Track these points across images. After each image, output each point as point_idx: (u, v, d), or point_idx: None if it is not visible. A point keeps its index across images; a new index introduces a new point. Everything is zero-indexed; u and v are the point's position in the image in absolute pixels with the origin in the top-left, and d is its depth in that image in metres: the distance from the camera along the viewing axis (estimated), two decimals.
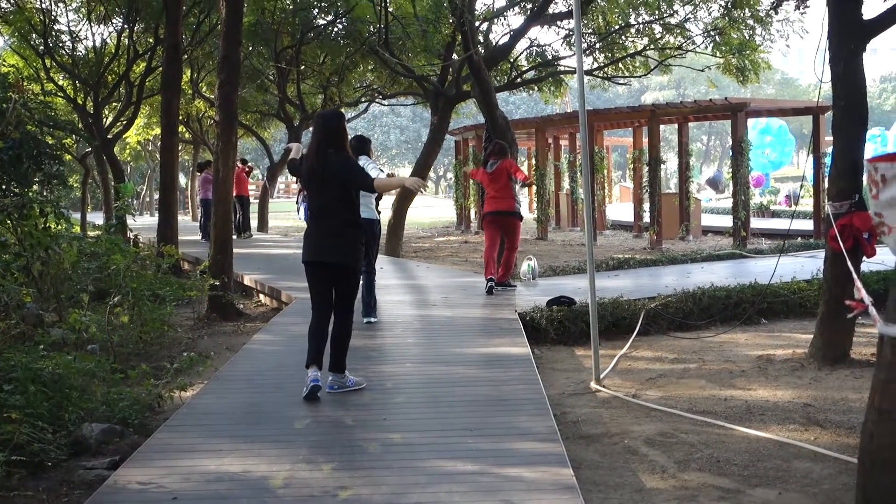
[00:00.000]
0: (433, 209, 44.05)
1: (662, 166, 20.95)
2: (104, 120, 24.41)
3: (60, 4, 22.54)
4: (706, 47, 20.06)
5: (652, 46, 20.53)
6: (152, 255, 12.11)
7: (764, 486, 5.09)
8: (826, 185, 9.04)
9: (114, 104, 26.28)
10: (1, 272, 8.59)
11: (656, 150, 20.24)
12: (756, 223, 21.97)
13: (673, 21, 19.98)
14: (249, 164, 25.63)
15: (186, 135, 32.60)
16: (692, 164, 22.77)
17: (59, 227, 10.14)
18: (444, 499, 4.52)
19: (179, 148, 27.47)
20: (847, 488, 4.97)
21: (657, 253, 17.70)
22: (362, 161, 9.02)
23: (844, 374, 7.74)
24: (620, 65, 21.45)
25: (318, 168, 6.71)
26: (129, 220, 14.68)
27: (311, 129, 33.91)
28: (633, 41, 21.24)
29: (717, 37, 19.38)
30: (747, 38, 19.29)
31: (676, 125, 23.42)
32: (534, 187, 11.25)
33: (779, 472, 5.30)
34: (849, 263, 6.81)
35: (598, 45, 21.03)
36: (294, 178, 44.65)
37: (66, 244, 9.90)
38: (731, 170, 20.05)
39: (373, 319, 9.56)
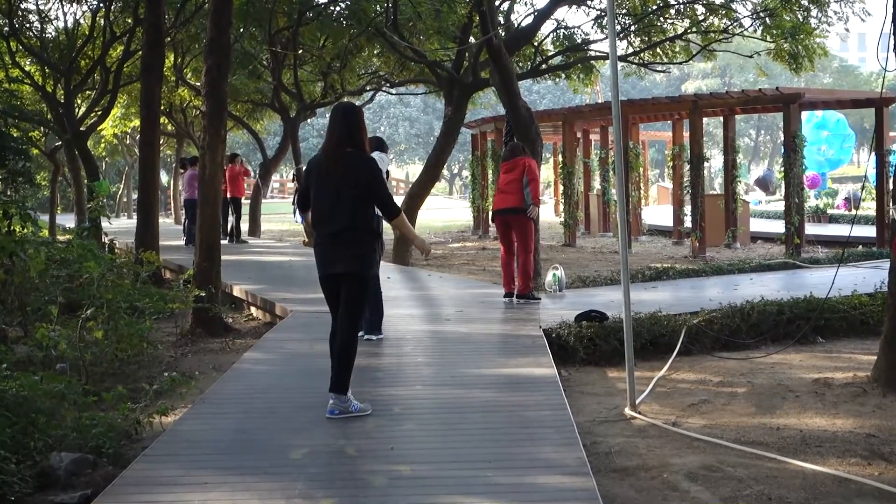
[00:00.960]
0: (447, 211, 44.08)
1: (706, 164, 20.91)
2: (76, 110, 24.51)
3: None
4: (755, 30, 20.02)
5: (694, 29, 20.51)
6: (130, 262, 12.14)
7: None
8: (890, 187, 9.00)
9: (87, 92, 26.38)
10: None
11: (699, 145, 20.18)
12: (811, 229, 21.90)
13: (717, 1, 19.95)
14: (240, 160, 25.65)
15: (169, 127, 32.75)
16: (739, 161, 22.71)
17: (25, 230, 10.15)
18: None
19: (161, 142, 27.60)
20: None
21: (700, 262, 17.64)
22: (375, 155, 9.14)
23: None
24: (658, 50, 21.44)
25: (336, 168, 6.80)
26: (104, 223, 14.73)
27: (308, 121, 34.07)
28: (672, 23, 21.23)
29: (767, 19, 19.33)
30: (801, 20, 19.24)
31: (721, 118, 23.35)
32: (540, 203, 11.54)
33: None
34: None
35: (633, 28, 21.02)
36: (291, 177, 44.45)
37: (32, 250, 9.90)
38: (782, 169, 19.99)
39: (374, 337, 9.52)
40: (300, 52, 24.23)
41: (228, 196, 21.19)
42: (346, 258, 6.77)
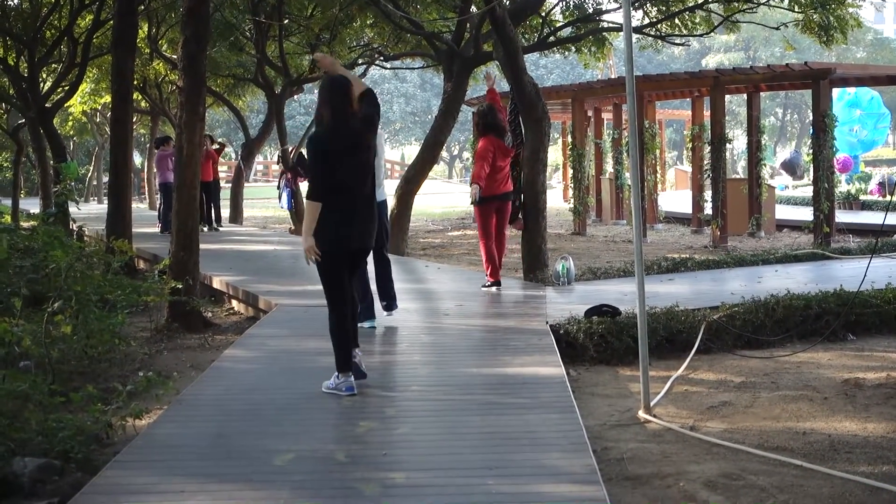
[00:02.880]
0: (446, 196, 44.02)
1: (728, 146, 20.90)
2: (41, 85, 24.45)
3: None
4: (782, 0, 19.99)
5: None
6: (100, 251, 12.12)
7: None
8: None
9: (53, 66, 26.35)
10: None
11: (720, 125, 20.19)
12: (842, 216, 21.89)
13: None
14: (220, 140, 25.61)
15: (143, 103, 32.66)
16: (764, 143, 22.71)
17: None
18: None
19: (134, 120, 27.52)
20: None
21: (721, 252, 17.66)
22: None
23: None
24: (677, 20, 21.40)
25: (366, 139, 7.28)
26: (72, 208, 14.73)
27: (295, 97, 33.96)
28: None
29: None
30: None
31: (745, 95, 23.34)
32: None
33: None
34: None
35: None
36: (277, 159, 44.33)
37: None
38: (811, 151, 19.98)
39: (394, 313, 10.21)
40: (286, 22, 24.18)
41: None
42: (371, 232, 7.45)
